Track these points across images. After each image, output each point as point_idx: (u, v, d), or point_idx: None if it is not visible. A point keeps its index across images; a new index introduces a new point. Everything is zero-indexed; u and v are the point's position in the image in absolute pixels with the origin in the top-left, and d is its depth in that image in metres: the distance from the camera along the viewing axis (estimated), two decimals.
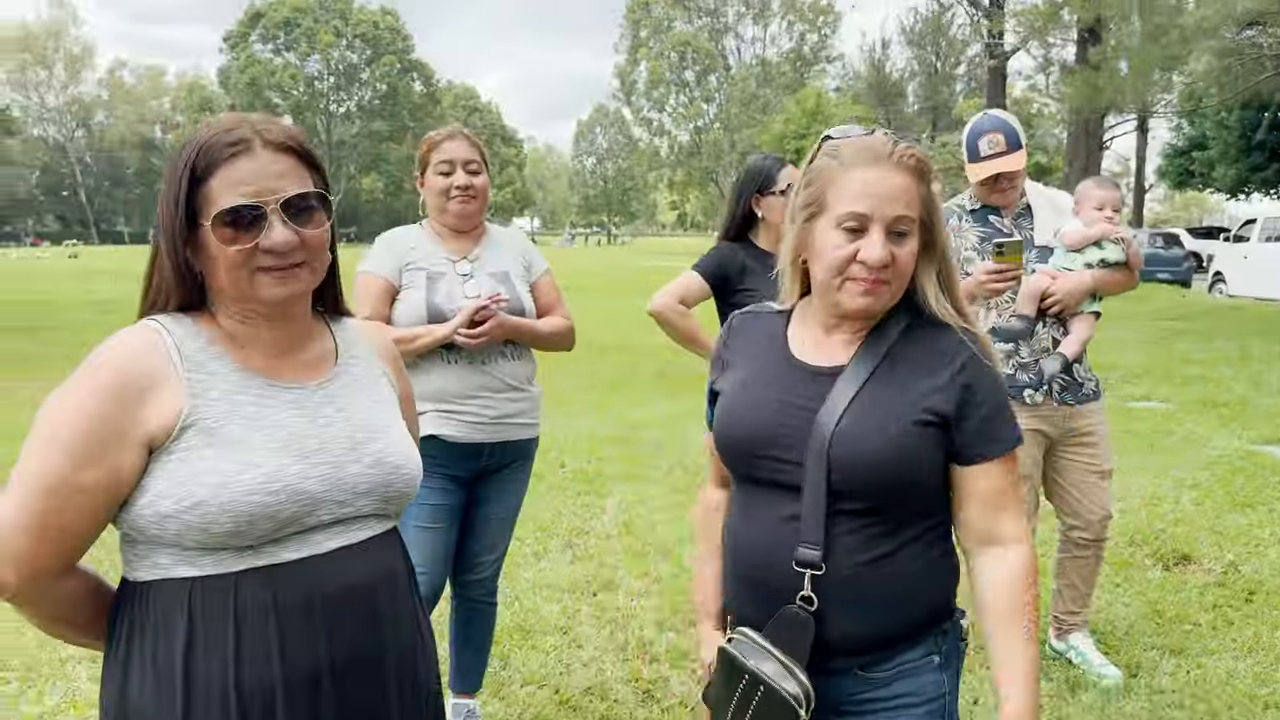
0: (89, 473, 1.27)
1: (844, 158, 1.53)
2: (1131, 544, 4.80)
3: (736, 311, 1.81)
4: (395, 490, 1.48)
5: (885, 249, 1.48)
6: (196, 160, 1.34)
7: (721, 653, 1.57)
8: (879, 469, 1.49)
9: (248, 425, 1.35)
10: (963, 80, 57.70)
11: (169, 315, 1.40)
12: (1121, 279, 3.37)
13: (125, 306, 8.91)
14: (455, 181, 2.83)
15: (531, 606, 4.08)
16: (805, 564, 1.50)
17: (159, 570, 1.34)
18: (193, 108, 75.90)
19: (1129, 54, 19.28)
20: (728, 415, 1.63)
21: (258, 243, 1.34)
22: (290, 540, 1.36)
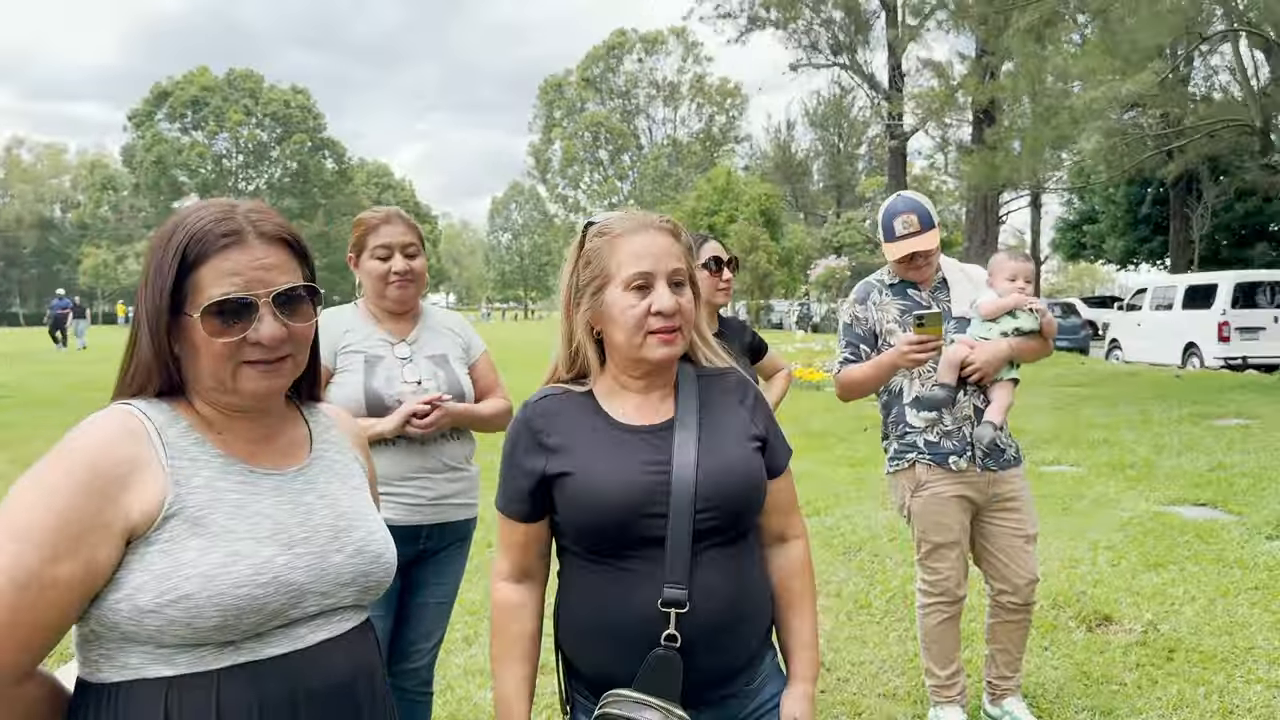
0: (64, 566, 1.19)
1: (615, 230, 1.73)
2: (1055, 606, 4.90)
3: (532, 398, 1.81)
4: (374, 580, 1.44)
5: (672, 298, 1.68)
6: (188, 248, 1.30)
7: (600, 716, 1.60)
8: (741, 494, 1.70)
9: (233, 514, 1.30)
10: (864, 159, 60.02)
11: (144, 400, 1.35)
12: (1036, 346, 3.50)
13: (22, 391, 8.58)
14: (394, 267, 2.80)
15: (464, 695, 3.97)
16: (670, 603, 1.61)
17: (129, 671, 1.26)
18: (95, 186, 74.32)
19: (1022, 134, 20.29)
20: (596, 489, 1.66)
21: (245, 335, 1.30)
22: (273, 634, 1.31)
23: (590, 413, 1.76)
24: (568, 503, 1.69)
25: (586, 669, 1.72)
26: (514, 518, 1.76)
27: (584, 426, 1.74)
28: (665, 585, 1.61)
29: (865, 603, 5.05)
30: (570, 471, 1.69)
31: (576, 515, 1.68)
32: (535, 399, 1.80)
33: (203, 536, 1.26)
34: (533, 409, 1.78)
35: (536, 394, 1.82)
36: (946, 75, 26.40)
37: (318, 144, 73.80)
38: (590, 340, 1.76)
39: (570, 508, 1.69)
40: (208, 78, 70.57)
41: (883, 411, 3.64)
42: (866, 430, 10.90)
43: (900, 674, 4.13)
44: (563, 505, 1.70)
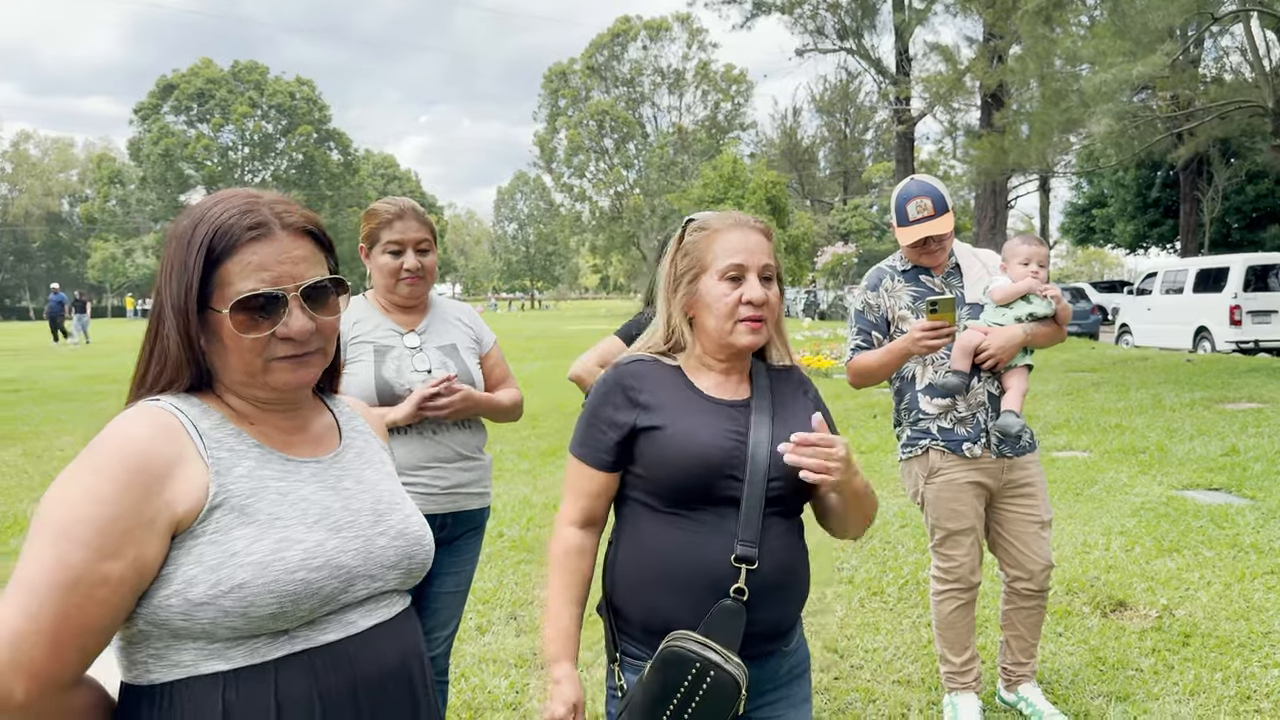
0: (113, 564, 1.16)
1: (713, 226, 1.92)
2: (1069, 592, 4.89)
3: (623, 359, 1.98)
4: (418, 562, 1.44)
5: (762, 290, 1.86)
6: (214, 241, 1.28)
7: (665, 653, 1.71)
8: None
9: (278, 501, 1.29)
10: (871, 145, 59.73)
11: (173, 396, 1.33)
12: (1051, 332, 3.48)
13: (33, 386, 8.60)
14: (406, 263, 2.79)
15: (479, 683, 3.97)
16: (742, 559, 1.77)
17: (181, 669, 1.23)
18: (102, 180, 74.36)
19: (1030, 118, 20.16)
20: (685, 444, 1.81)
21: (275, 331, 1.29)
22: (326, 621, 1.30)
23: (678, 381, 1.93)
24: (657, 454, 1.83)
25: (643, 615, 1.83)
26: (595, 466, 1.90)
27: (673, 391, 1.90)
28: (738, 542, 1.78)
29: (878, 589, 5.04)
30: (662, 426, 1.84)
31: (662, 467, 1.82)
32: (626, 361, 1.97)
33: (251, 525, 1.25)
34: (625, 369, 1.94)
35: (626, 357, 1.99)
36: (954, 59, 26.21)
37: (323, 136, 73.72)
38: (684, 322, 1.94)
39: (658, 460, 1.83)
40: (213, 70, 70.51)
41: (895, 398, 3.62)
42: (876, 417, 10.88)
43: (914, 661, 4.12)
44: (651, 457, 1.84)
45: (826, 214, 53.58)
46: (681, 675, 1.68)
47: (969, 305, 3.48)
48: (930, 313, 3.11)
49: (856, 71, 48.91)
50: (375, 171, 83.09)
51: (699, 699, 1.67)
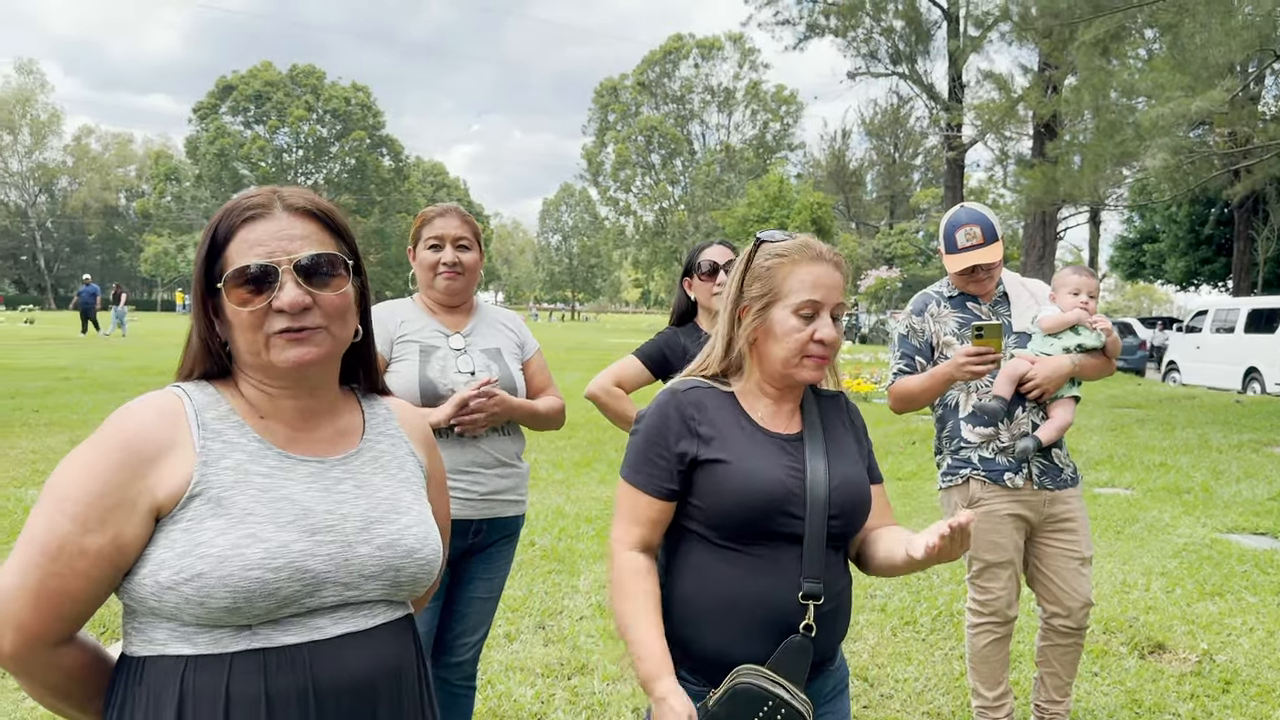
0: (94, 539, 1.23)
1: (792, 255, 1.87)
2: (1106, 631, 4.80)
3: (679, 386, 1.92)
4: (407, 575, 1.41)
5: (833, 329, 1.85)
6: (219, 226, 1.34)
7: (738, 688, 1.70)
8: (860, 506, 1.88)
9: (257, 498, 1.31)
10: (920, 170, 59.37)
11: (194, 383, 1.38)
12: (1099, 364, 3.43)
13: (82, 374, 8.77)
14: (443, 258, 2.83)
15: (505, 691, 3.97)
16: (810, 596, 1.77)
17: (154, 646, 1.29)
18: (159, 176, 75.83)
19: (1083, 149, 19.92)
20: (747, 480, 1.79)
21: (271, 303, 1.32)
22: (289, 622, 1.30)
23: (735, 411, 1.90)
24: (717, 489, 1.80)
25: (704, 647, 1.80)
26: (654, 495, 1.85)
27: (731, 422, 1.88)
28: (804, 579, 1.77)
29: (911, 619, 4.98)
30: (725, 460, 1.81)
31: (723, 501, 1.79)
32: (684, 388, 1.92)
33: (223, 518, 1.27)
34: (684, 396, 1.89)
35: (684, 384, 1.93)
36: (1008, 87, 25.99)
37: (376, 141, 74.66)
38: (748, 348, 1.91)
39: (719, 494, 1.80)
40: (271, 73, 71.76)
41: (937, 425, 3.58)
42: (915, 443, 10.78)
43: (945, 693, 4.07)
44: (710, 490, 1.81)
45: (872, 237, 53.28)
46: (753, 711, 1.68)
47: (1016, 334, 3.44)
48: (976, 338, 3.08)
49: (908, 96, 48.71)
50: (425, 178, 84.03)
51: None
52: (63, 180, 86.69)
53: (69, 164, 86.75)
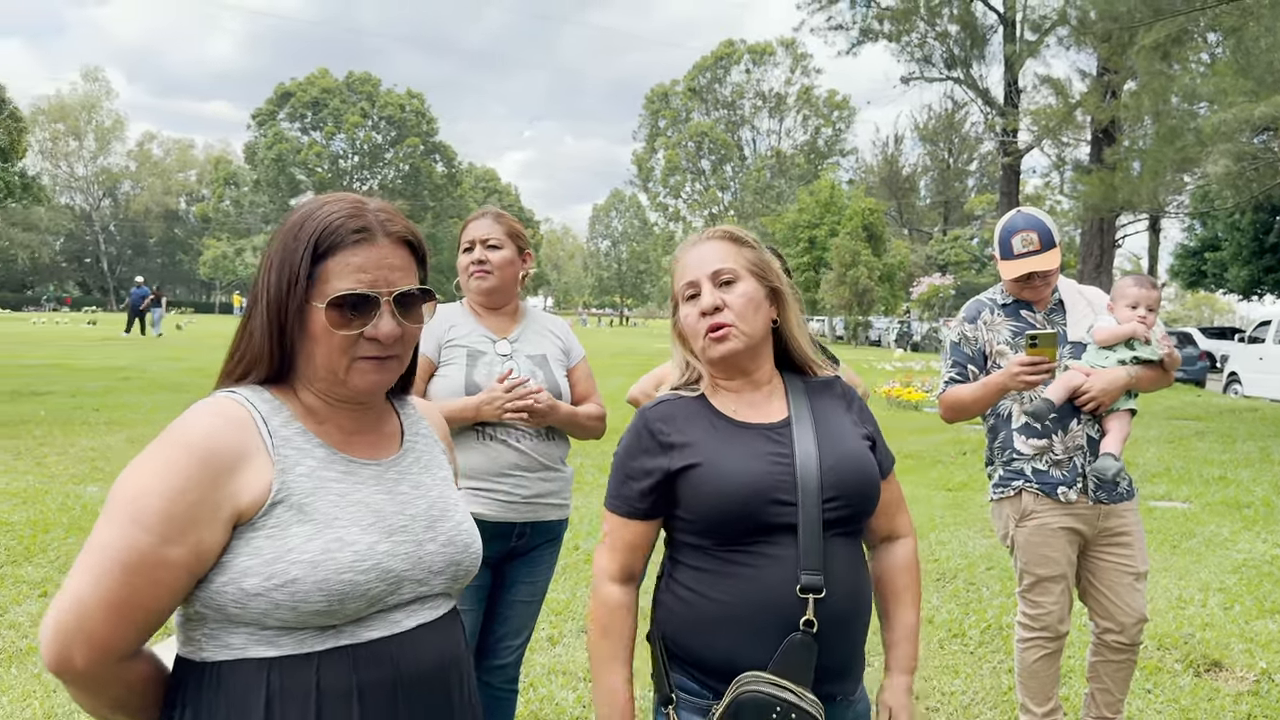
0: (175, 549, 1.22)
1: (677, 255, 1.91)
2: (1161, 648, 4.69)
3: (648, 405, 1.89)
4: (464, 569, 1.47)
5: (714, 295, 1.79)
6: (320, 239, 1.34)
7: (742, 699, 1.62)
8: (862, 485, 1.78)
9: (336, 502, 1.33)
10: (975, 176, 58.69)
11: (248, 388, 1.38)
12: (1156, 376, 3.34)
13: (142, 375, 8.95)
14: (473, 257, 2.88)
15: (547, 694, 3.99)
16: (809, 589, 1.66)
17: (231, 651, 1.29)
18: (218, 181, 77.45)
19: (1143, 155, 19.53)
20: (724, 477, 1.72)
21: (364, 331, 1.34)
22: (372, 619, 1.34)
23: (707, 412, 1.84)
24: (695, 494, 1.74)
25: (703, 655, 1.73)
26: (630, 517, 1.81)
27: (703, 424, 1.81)
28: (801, 571, 1.67)
29: (959, 632, 4.91)
30: (697, 463, 1.75)
31: (706, 505, 1.73)
32: (651, 405, 1.88)
33: (308, 523, 1.29)
34: (651, 413, 1.85)
35: (652, 401, 1.91)
36: (1065, 92, 25.57)
37: (429, 148, 75.60)
38: (688, 353, 1.90)
39: (699, 499, 1.74)
40: (328, 80, 73.01)
41: (988, 436, 3.52)
42: (965, 454, 10.63)
43: (992, 707, 4.00)
44: (690, 497, 1.75)
45: (925, 244, 52.73)
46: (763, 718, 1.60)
47: (1071, 344, 3.37)
48: (1030, 347, 3.02)
49: (963, 101, 48.15)
50: (477, 184, 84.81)
51: None
52: (125, 185, 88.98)
53: (131, 169, 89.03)
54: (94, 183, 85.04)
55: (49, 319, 45.97)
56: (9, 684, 3.89)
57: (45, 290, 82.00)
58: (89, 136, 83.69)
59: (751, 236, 1.89)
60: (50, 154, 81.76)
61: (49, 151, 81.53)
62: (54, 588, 5.09)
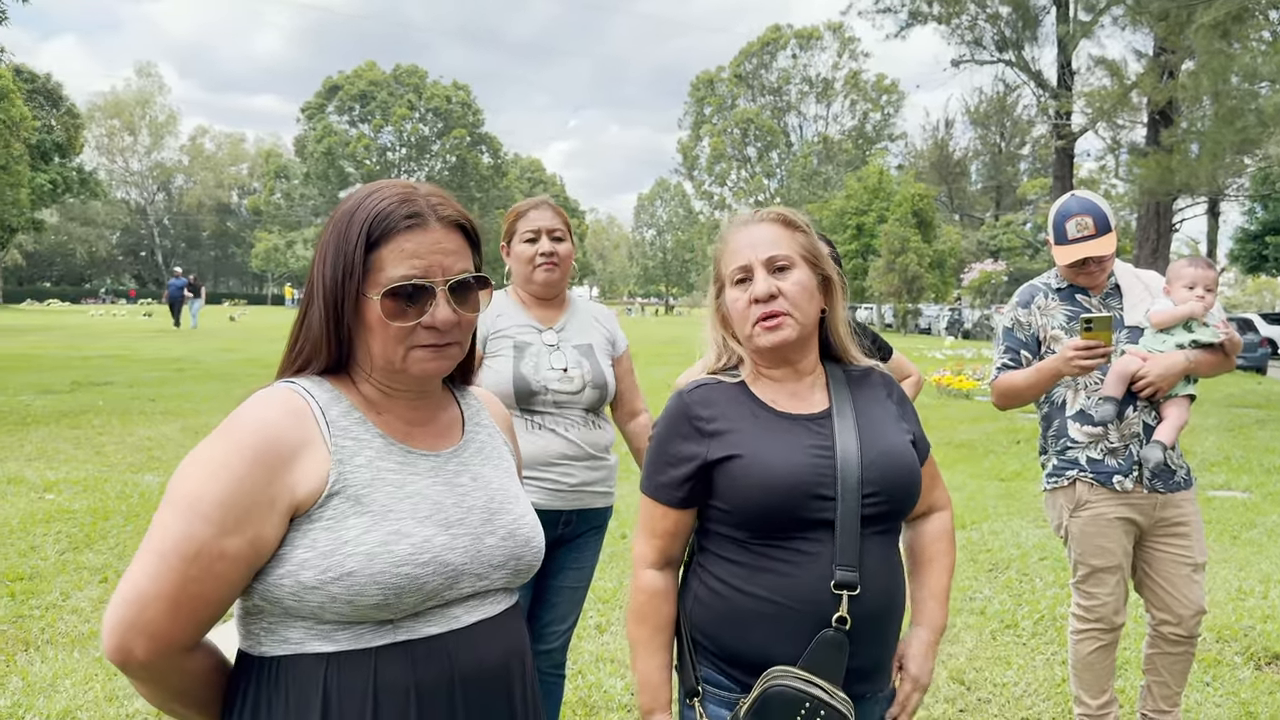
0: (232, 540, 1.20)
1: (723, 235, 1.85)
2: (1219, 640, 4.59)
3: (686, 387, 1.84)
4: (525, 563, 1.44)
5: (768, 282, 1.73)
6: (372, 226, 1.31)
7: (770, 693, 1.60)
8: (903, 481, 1.74)
9: (394, 494, 1.31)
10: (1028, 160, 57.68)
11: (308, 378, 1.37)
12: (1216, 360, 3.25)
13: (196, 365, 9.11)
14: (540, 249, 2.86)
15: (595, 681, 4.00)
16: (844, 585, 1.63)
17: (289, 645, 1.28)
18: (269, 174, 78.63)
19: (1201, 137, 19.06)
20: (765, 471, 1.68)
21: (420, 320, 1.32)
22: (430, 614, 1.32)
23: (747, 400, 1.78)
24: (734, 486, 1.70)
25: (732, 649, 1.71)
26: (666, 504, 1.78)
27: (743, 413, 1.76)
28: (836, 567, 1.64)
29: (1012, 623, 4.84)
30: (738, 454, 1.70)
31: (744, 497, 1.68)
32: (690, 388, 1.83)
33: (365, 515, 1.27)
34: (688, 397, 1.80)
35: (691, 383, 1.85)
36: (1120, 73, 24.99)
37: (476, 139, 76.04)
38: (729, 337, 1.84)
39: (738, 491, 1.69)
40: (375, 73, 73.71)
41: (1042, 424, 3.46)
42: (1019, 443, 10.47)
43: (1045, 699, 3.94)
44: (729, 489, 1.71)
45: (976, 229, 51.99)
46: (789, 716, 1.58)
47: (1128, 329, 3.29)
48: (1085, 331, 2.95)
49: (1014, 84, 47.22)
50: (522, 175, 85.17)
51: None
52: (178, 179, 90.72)
53: (184, 163, 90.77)
54: (148, 177, 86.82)
55: (107, 311, 47.05)
56: (71, 667, 3.99)
57: (102, 283, 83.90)
58: (143, 131, 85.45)
59: (804, 220, 1.83)
60: (106, 149, 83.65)
61: (105, 147, 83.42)
62: (114, 574, 5.22)
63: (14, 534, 5.94)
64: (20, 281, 77.43)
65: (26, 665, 4.01)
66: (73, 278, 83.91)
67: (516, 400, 2.75)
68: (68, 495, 6.99)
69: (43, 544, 5.75)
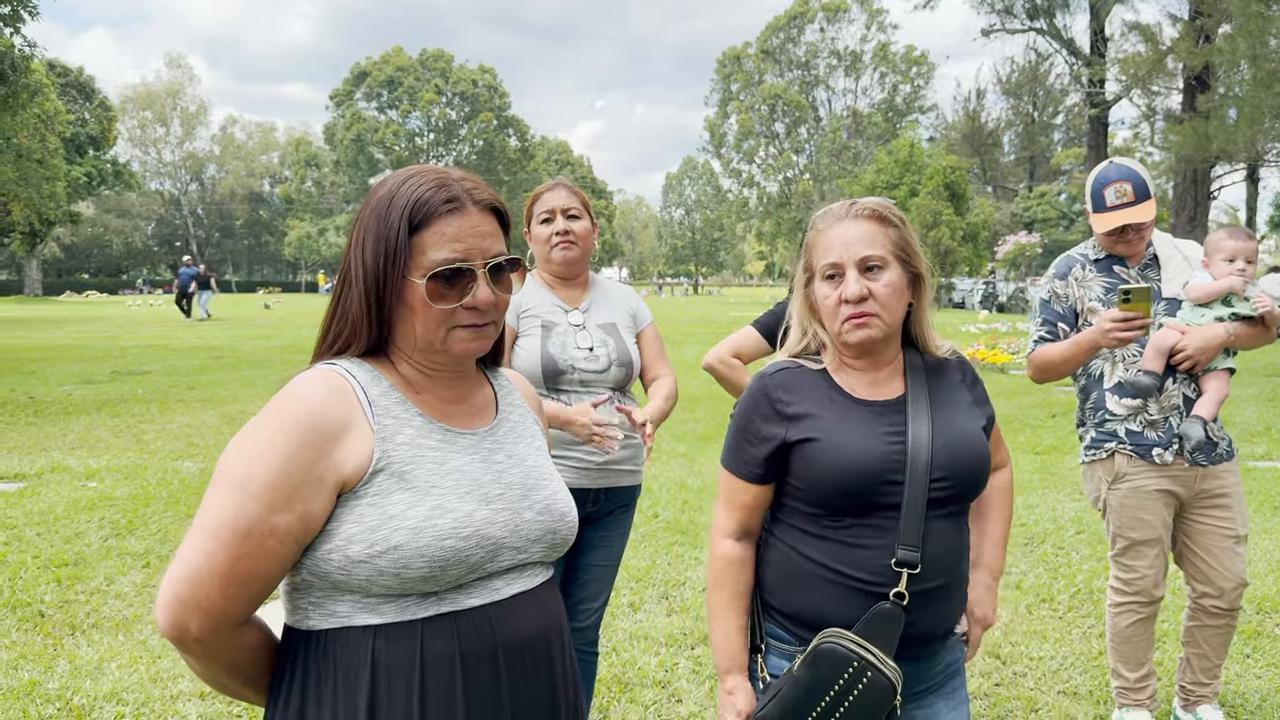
0: (282, 517, 1.24)
1: (819, 226, 1.86)
2: (1260, 612, 4.53)
3: (769, 369, 1.91)
4: (561, 537, 1.48)
5: (859, 284, 1.76)
6: (413, 211, 1.35)
7: (821, 649, 1.69)
8: (972, 468, 1.80)
9: (435, 470, 1.35)
10: (1061, 129, 56.75)
11: (348, 360, 1.40)
12: (1257, 333, 3.18)
13: (232, 353, 9.24)
14: (555, 228, 2.89)
15: (629, 659, 4.03)
16: (904, 563, 1.71)
17: (337, 619, 1.32)
18: (299, 163, 79.08)
19: (1239, 102, 18.66)
20: (841, 455, 1.74)
21: (462, 301, 1.36)
22: (473, 586, 1.36)
23: (826, 386, 1.85)
24: (809, 468, 1.77)
25: (796, 609, 1.80)
26: (747, 479, 1.86)
27: (822, 398, 1.83)
28: (899, 546, 1.72)
29: (1047, 596, 4.80)
30: (815, 438, 1.77)
31: (819, 480, 1.76)
32: (772, 371, 1.89)
33: (408, 490, 1.31)
34: (770, 380, 1.87)
35: (773, 366, 1.92)
36: (1155, 39, 24.53)
37: (503, 122, 75.94)
38: (814, 325, 1.89)
39: (813, 472, 1.77)
40: (402, 58, 73.75)
41: (1080, 396, 3.41)
42: (1055, 416, 10.37)
43: (1082, 672, 3.91)
44: (804, 470, 1.79)
45: (1010, 201, 51.34)
46: (837, 673, 1.66)
47: (1166, 300, 3.23)
48: (1123, 302, 2.90)
49: (1046, 53, 46.45)
50: (550, 157, 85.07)
51: (853, 698, 1.65)
52: (210, 169, 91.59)
53: (216, 153, 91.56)
54: (181, 168, 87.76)
55: (144, 302, 47.70)
56: (117, 650, 4.07)
57: (139, 274, 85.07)
58: (174, 123, 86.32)
59: (897, 214, 1.85)
60: (139, 141, 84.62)
61: (137, 139, 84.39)
62: (156, 559, 5.31)
63: (58, 521, 6.07)
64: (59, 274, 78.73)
65: (73, 649, 4.10)
66: (110, 269, 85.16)
67: (544, 379, 2.77)
68: (110, 483, 7.12)
69: (86, 530, 5.87)
